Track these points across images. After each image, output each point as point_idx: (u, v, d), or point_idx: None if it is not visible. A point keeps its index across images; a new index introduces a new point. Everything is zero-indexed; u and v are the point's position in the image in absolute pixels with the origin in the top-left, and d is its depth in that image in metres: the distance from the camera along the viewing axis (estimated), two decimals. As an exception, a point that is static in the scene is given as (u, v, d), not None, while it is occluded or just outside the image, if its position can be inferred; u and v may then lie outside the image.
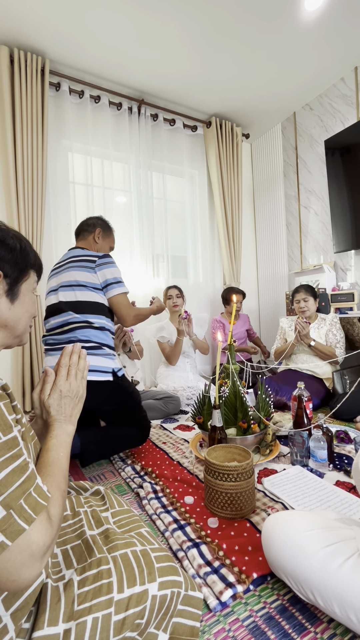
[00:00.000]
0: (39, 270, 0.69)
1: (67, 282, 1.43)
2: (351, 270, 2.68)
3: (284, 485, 1.17)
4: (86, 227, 1.60)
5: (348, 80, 2.58)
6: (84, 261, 1.45)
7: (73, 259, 1.48)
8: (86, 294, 1.41)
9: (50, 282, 1.53)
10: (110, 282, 1.44)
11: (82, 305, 1.40)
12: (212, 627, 0.68)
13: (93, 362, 1.34)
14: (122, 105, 2.70)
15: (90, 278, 1.43)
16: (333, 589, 0.62)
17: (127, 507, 0.91)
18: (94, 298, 1.42)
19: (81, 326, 1.38)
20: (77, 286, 1.42)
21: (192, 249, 3.13)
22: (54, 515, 0.51)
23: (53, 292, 1.48)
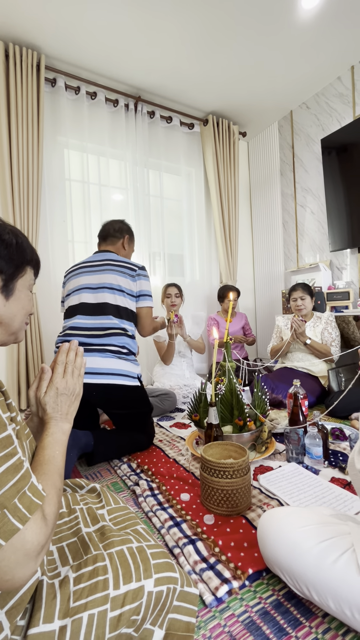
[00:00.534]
0: (37, 267, 0.69)
1: (109, 285, 1.49)
2: (347, 269, 2.69)
3: (280, 482, 1.18)
4: (113, 233, 1.66)
5: (344, 79, 2.59)
6: (125, 268, 1.53)
7: (112, 262, 1.54)
8: (125, 300, 1.50)
9: (80, 279, 1.53)
10: (144, 293, 1.55)
11: (121, 311, 1.48)
12: (208, 623, 0.68)
13: (125, 367, 1.43)
14: (119, 102, 2.68)
15: (131, 285, 1.52)
16: (328, 583, 0.62)
17: (123, 505, 0.90)
18: (130, 306, 1.52)
19: (118, 333, 1.45)
20: (118, 290, 1.50)
21: (188, 247, 3.13)
22: (49, 514, 0.51)
23: (89, 290, 1.50)
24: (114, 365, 1.41)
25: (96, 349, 1.42)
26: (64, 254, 2.49)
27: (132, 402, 1.47)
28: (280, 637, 0.64)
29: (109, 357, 1.42)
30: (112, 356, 1.43)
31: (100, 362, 1.39)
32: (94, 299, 1.49)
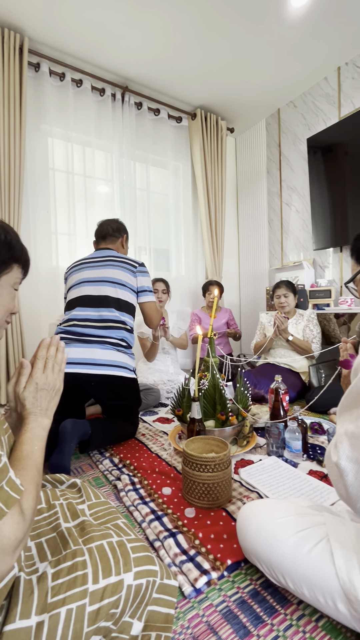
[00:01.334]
0: (25, 265, 0.67)
1: (111, 279, 1.54)
2: (329, 267, 2.75)
3: (260, 475, 1.20)
4: (113, 232, 1.71)
5: (331, 80, 2.62)
6: (126, 264, 1.60)
7: (113, 259, 1.59)
8: (126, 294, 1.55)
9: (81, 273, 1.58)
10: (145, 289, 1.63)
11: (122, 304, 1.53)
12: (187, 613, 0.69)
13: (124, 360, 1.47)
14: (106, 91, 2.62)
15: (132, 280, 1.59)
16: (303, 572, 0.64)
17: (104, 500, 0.90)
18: (131, 299, 1.58)
19: (118, 327, 1.49)
20: (119, 284, 1.54)
21: (175, 242, 3.11)
22: (27, 509, 0.50)
23: (91, 284, 1.54)
24: (113, 357, 1.44)
25: (96, 340, 1.45)
26: (47, 246, 2.43)
27: (127, 394, 1.51)
28: (257, 625, 0.66)
29: (108, 349, 1.45)
30: (112, 348, 1.46)
31: (100, 353, 1.42)
32: (94, 291, 1.53)
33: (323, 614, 0.68)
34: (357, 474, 0.51)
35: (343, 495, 0.54)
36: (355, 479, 0.52)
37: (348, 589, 0.59)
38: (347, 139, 2.46)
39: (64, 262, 2.50)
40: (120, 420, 1.53)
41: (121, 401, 1.51)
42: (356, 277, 0.76)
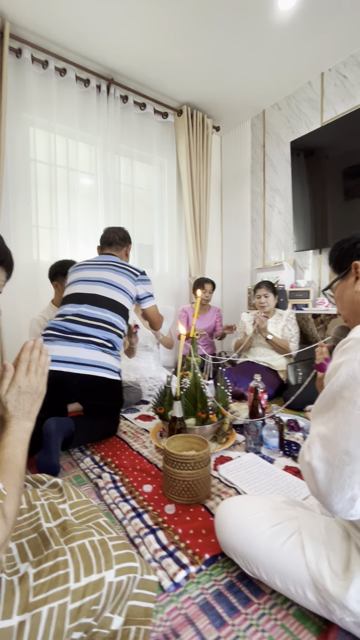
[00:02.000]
0: (8, 268, 0.66)
1: (108, 280, 1.57)
2: (309, 268, 2.84)
3: (238, 472, 1.25)
4: (119, 241, 1.76)
5: (314, 84, 2.68)
6: (128, 271, 1.64)
7: (116, 264, 1.64)
8: (120, 296, 1.57)
9: (80, 273, 1.61)
10: (148, 295, 1.70)
11: (114, 304, 1.55)
12: (166, 607, 0.72)
13: (108, 361, 1.48)
14: (90, 82, 2.56)
15: (130, 287, 1.62)
16: (276, 564, 0.69)
17: (85, 498, 0.91)
18: (127, 304, 1.60)
19: (106, 327, 1.50)
20: (114, 286, 1.57)
21: (158, 238, 3.11)
22: (8, 512, 0.51)
23: (85, 282, 1.57)
24: (97, 358, 1.44)
25: (81, 339, 1.45)
26: (28, 240, 2.37)
27: (110, 395, 1.52)
28: (232, 615, 0.70)
29: (93, 349, 1.45)
30: (97, 348, 1.46)
31: (84, 353, 1.42)
32: (87, 289, 1.55)
33: (293, 603, 0.72)
34: (327, 473, 0.55)
35: (314, 491, 0.58)
36: (325, 477, 0.55)
37: (317, 578, 0.63)
38: (328, 145, 2.53)
39: (45, 257, 2.45)
40: (102, 418, 1.54)
41: (103, 402, 1.51)
42: (333, 285, 0.80)
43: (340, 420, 0.54)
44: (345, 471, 0.53)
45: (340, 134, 2.44)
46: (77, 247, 2.57)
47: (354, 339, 0.55)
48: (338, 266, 0.78)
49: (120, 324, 1.57)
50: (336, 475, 0.54)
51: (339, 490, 0.54)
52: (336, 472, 0.54)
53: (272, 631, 0.66)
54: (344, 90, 2.48)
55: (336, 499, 0.54)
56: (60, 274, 1.93)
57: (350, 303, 0.73)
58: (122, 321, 1.59)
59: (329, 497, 0.55)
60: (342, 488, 0.54)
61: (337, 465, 0.54)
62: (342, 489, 0.54)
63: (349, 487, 0.53)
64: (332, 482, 0.54)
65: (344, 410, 0.54)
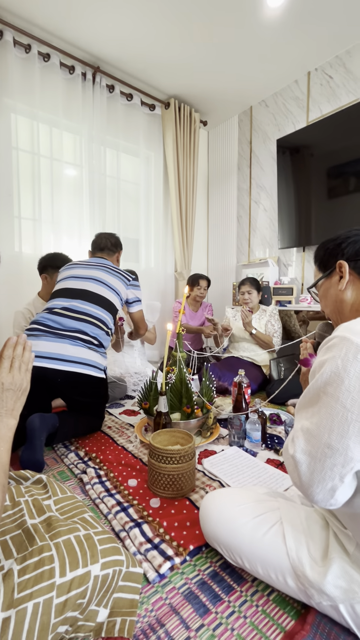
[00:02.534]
0: None
1: (100, 278, 1.59)
2: (292, 266, 2.89)
3: (222, 465, 1.27)
4: (111, 247, 1.79)
5: (301, 83, 2.70)
6: (120, 274, 1.67)
7: (108, 266, 1.66)
8: (110, 294, 1.59)
9: (71, 271, 1.62)
10: (137, 299, 1.74)
11: (103, 301, 1.55)
12: (151, 598, 0.73)
13: (94, 358, 1.47)
14: (75, 69, 2.49)
15: (122, 289, 1.65)
16: (258, 552, 0.71)
17: (70, 494, 0.91)
18: (116, 304, 1.62)
19: (94, 323, 1.49)
20: (108, 286, 1.59)
21: (144, 232, 3.08)
22: (-7, 509, 0.50)
23: (76, 279, 1.58)
24: (83, 355, 1.43)
25: (67, 335, 1.43)
26: (9, 231, 2.30)
27: (94, 392, 1.51)
28: (215, 603, 0.72)
29: (79, 346, 1.43)
30: (83, 345, 1.44)
31: (69, 349, 1.40)
32: (77, 285, 1.56)
33: (274, 589, 0.75)
34: (309, 465, 0.57)
35: (297, 483, 0.60)
36: (307, 469, 0.57)
37: (296, 565, 0.66)
38: (313, 144, 2.57)
39: (27, 249, 2.38)
40: (87, 414, 1.53)
41: (88, 398, 1.50)
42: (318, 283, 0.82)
43: (324, 415, 0.56)
44: (327, 463, 0.55)
45: (325, 133, 2.48)
46: (61, 240, 2.52)
47: (338, 337, 0.57)
48: (323, 265, 0.80)
49: (109, 322, 1.57)
50: (318, 467, 0.56)
51: (320, 481, 0.56)
52: (318, 465, 0.56)
53: (253, 617, 0.69)
54: (330, 91, 2.52)
55: (317, 489, 0.57)
56: (51, 267, 1.89)
57: (334, 301, 0.75)
58: (110, 319, 1.58)
59: (311, 488, 0.57)
60: (323, 479, 0.56)
61: (319, 458, 0.56)
62: (323, 480, 0.56)
63: (329, 479, 0.55)
64: (314, 474, 0.56)
65: (327, 406, 0.56)
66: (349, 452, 0.53)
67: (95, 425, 1.56)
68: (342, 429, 0.53)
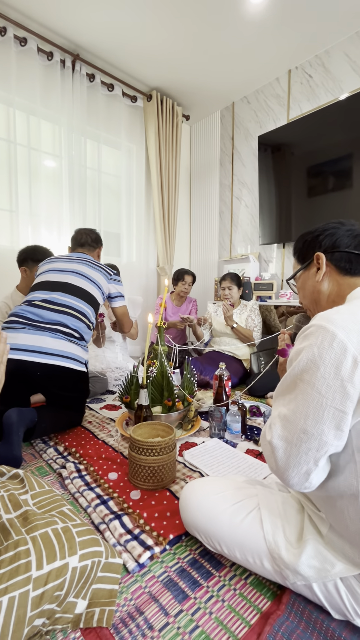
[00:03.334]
0: None
1: (81, 272, 1.57)
2: (273, 262, 2.94)
3: (202, 456, 1.28)
4: (91, 242, 1.76)
5: (282, 81, 2.74)
6: (101, 268, 1.65)
7: (90, 261, 1.64)
8: (92, 287, 1.56)
9: (51, 264, 1.59)
10: (119, 294, 1.71)
11: (84, 294, 1.53)
12: (130, 587, 0.73)
13: (75, 351, 1.44)
14: (54, 56, 2.41)
15: (104, 282, 1.63)
16: (237, 538, 0.72)
17: (48, 489, 0.89)
18: (98, 297, 1.59)
19: (75, 315, 1.47)
20: (89, 279, 1.57)
21: (126, 226, 3.04)
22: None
23: (57, 272, 1.55)
24: (63, 347, 1.40)
25: (48, 327, 1.40)
26: (-16, 222, 2.21)
27: (75, 386, 1.49)
28: (194, 589, 0.73)
29: (59, 339, 1.40)
30: (63, 338, 1.42)
31: (49, 342, 1.37)
32: (58, 278, 1.53)
33: (251, 573, 0.77)
34: (286, 450, 0.59)
35: (273, 468, 0.62)
36: (284, 454, 0.59)
37: (273, 548, 0.68)
38: (294, 142, 2.61)
39: (4, 241, 2.30)
40: (67, 409, 1.51)
41: (68, 392, 1.47)
42: (296, 275, 0.83)
43: (300, 401, 0.57)
44: (302, 448, 0.57)
45: (305, 132, 2.52)
46: (40, 233, 2.45)
47: (315, 325, 0.58)
48: (301, 257, 0.81)
49: (90, 315, 1.54)
50: (294, 452, 0.57)
51: (296, 465, 0.58)
52: (294, 449, 0.57)
53: (231, 600, 0.70)
54: (309, 90, 2.57)
55: (293, 473, 0.58)
56: (31, 260, 1.84)
57: (312, 292, 0.77)
58: (92, 312, 1.56)
59: (287, 472, 0.59)
60: (299, 463, 0.57)
61: (295, 443, 0.57)
62: (298, 464, 0.57)
63: (304, 462, 0.57)
64: (290, 459, 0.58)
65: (303, 393, 0.57)
66: (323, 437, 0.55)
67: (76, 420, 1.54)
68: (317, 414, 0.55)
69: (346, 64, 2.35)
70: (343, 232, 0.74)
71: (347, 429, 0.54)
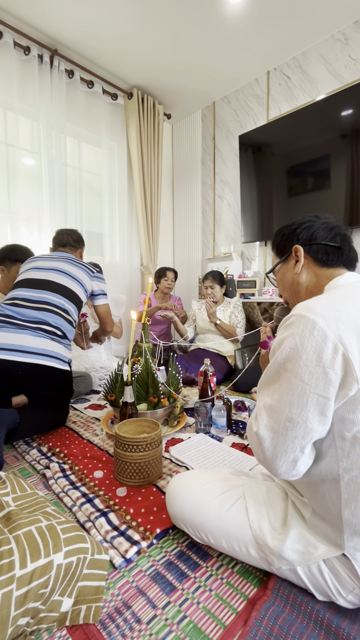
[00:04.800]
0: None
1: (63, 269, 1.54)
2: (255, 260, 2.98)
3: (188, 452, 1.29)
4: (73, 243, 1.75)
5: (261, 82, 2.78)
6: (84, 266, 1.63)
7: (72, 259, 1.62)
8: (74, 285, 1.54)
9: (37, 262, 1.57)
10: (102, 292, 1.69)
11: (67, 292, 1.50)
12: (117, 582, 0.73)
13: (57, 350, 1.41)
14: (31, 51, 2.36)
15: (87, 280, 1.61)
16: (223, 527, 0.73)
17: (31, 491, 0.88)
18: (81, 295, 1.57)
19: (57, 312, 1.44)
20: (71, 277, 1.54)
21: (109, 225, 3.01)
22: None
23: (38, 270, 1.52)
24: (45, 346, 1.37)
25: (29, 326, 1.36)
26: None
27: (58, 386, 1.46)
28: (181, 580, 0.73)
29: (41, 337, 1.37)
30: (45, 336, 1.39)
31: (31, 340, 1.34)
32: (39, 276, 1.51)
33: (237, 561, 0.78)
34: (272, 440, 0.60)
35: (261, 459, 0.62)
36: (271, 444, 0.60)
37: (258, 535, 0.69)
38: (274, 142, 2.66)
39: (-19, 239, 2.24)
40: (50, 409, 1.48)
41: (51, 392, 1.44)
42: (275, 269, 0.85)
43: (284, 390, 0.58)
44: (289, 436, 0.58)
45: (284, 132, 2.57)
46: (19, 232, 2.39)
47: (296, 315, 0.59)
48: (280, 250, 0.83)
49: (72, 313, 1.52)
50: (280, 440, 0.58)
51: (283, 454, 0.59)
52: (280, 438, 0.58)
53: (218, 589, 0.71)
54: (287, 91, 2.62)
55: (280, 462, 0.59)
56: (9, 259, 1.79)
57: (291, 284, 0.79)
58: (75, 310, 1.53)
59: (274, 462, 0.60)
60: (286, 452, 0.58)
61: (281, 431, 0.58)
62: (285, 452, 0.58)
63: (291, 450, 0.58)
64: (277, 448, 0.59)
65: (287, 381, 0.58)
66: (308, 424, 0.56)
67: (59, 420, 1.51)
68: (302, 402, 0.56)
69: (322, 66, 2.41)
70: (319, 225, 0.76)
71: (330, 415, 0.56)
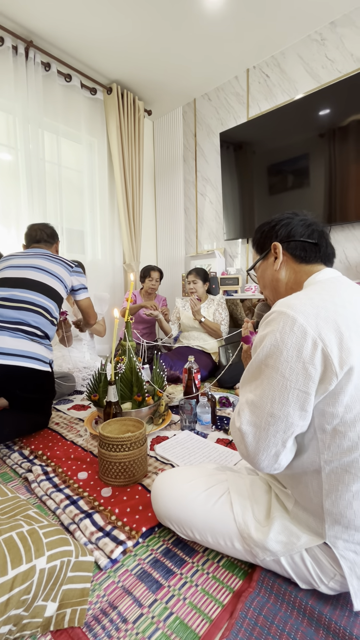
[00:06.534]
0: None
1: (41, 266, 1.50)
2: (238, 257, 3.01)
3: (174, 449, 1.29)
4: (47, 238, 1.69)
5: (241, 80, 2.80)
6: (62, 261, 1.58)
7: (49, 255, 1.57)
8: (53, 282, 1.50)
9: (13, 260, 1.52)
10: (82, 287, 1.64)
11: (46, 289, 1.46)
12: (103, 583, 0.72)
13: (37, 351, 1.38)
14: (5, 41, 2.28)
15: (66, 276, 1.56)
16: (208, 522, 0.73)
17: (12, 495, 0.86)
18: (61, 291, 1.53)
19: (36, 311, 1.40)
20: (50, 274, 1.50)
21: (90, 223, 2.96)
22: None
23: (15, 269, 1.47)
24: (25, 347, 1.33)
25: (7, 327, 1.32)
26: None
27: (39, 388, 1.42)
28: (168, 578, 0.73)
29: (20, 338, 1.33)
30: (25, 337, 1.35)
31: (10, 342, 1.30)
32: (16, 274, 1.46)
33: (223, 555, 0.79)
34: (255, 435, 0.60)
35: (244, 454, 0.63)
36: (253, 439, 0.60)
37: (243, 528, 0.70)
38: (255, 140, 2.68)
39: None
40: (31, 411, 1.44)
41: (32, 394, 1.41)
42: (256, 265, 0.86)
43: (266, 386, 0.59)
44: (270, 431, 0.59)
45: (264, 130, 2.60)
46: (-4, 228, 2.31)
47: (276, 311, 0.60)
48: (260, 248, 0.84)
49: (53, 311, 1.48)
50: (263, 435, 0.59)
51: (265, 449, 0.59)
52: (263, 433, 0.59)
53: (204, 584, 0.71)
54: (267, 89, 2.64)
55: (263, 456, 0.60)
56: None
57: (271, 281, 0.80)
58: (55, 307, 1.49)
59: (257, 456, 0.60)
60: (268, 446, 0.59)
61: (263, 427, 0.59)
62: (267, 447, 0.59)
63: (273, 445, 0.59)
64: (260, 442, 0.60)
65: (268, 377, 0.59)
66: (289, 418, 0.57)
67: (41, 423, 1.48)
68: (283, 397, 0.57)
69: (300, 65, 2.45)
70: (297, 222, 0.77)
71: (310, 410, 0.57)
